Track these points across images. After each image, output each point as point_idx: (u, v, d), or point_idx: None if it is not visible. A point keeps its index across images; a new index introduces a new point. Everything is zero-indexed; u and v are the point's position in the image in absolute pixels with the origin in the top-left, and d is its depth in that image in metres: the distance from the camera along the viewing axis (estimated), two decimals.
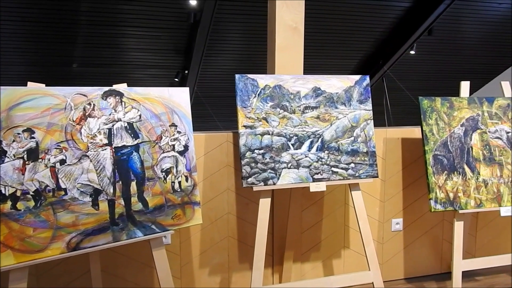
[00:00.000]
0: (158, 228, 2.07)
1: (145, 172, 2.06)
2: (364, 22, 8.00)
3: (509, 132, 2.68)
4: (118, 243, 1.97)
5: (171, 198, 2.12)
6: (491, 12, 7.90)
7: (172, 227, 2.12)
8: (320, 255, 2.85)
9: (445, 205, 2.51)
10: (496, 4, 7.61)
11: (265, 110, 2.33)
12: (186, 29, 7.70)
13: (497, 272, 3.08)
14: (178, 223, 2.13)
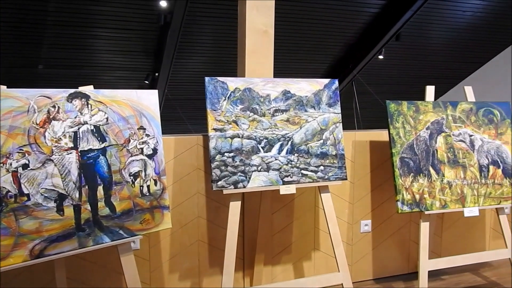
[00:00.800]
0: (126, 233, 2.03)
1: (113, 176, 2.02)
2: (334, 27, 8.12)
3: (472, 135, 2.77)
4: (85, 249, 1.92)
5: (139, 203, 2.09)
6: (456, 19, 8.16)
7: (141, 232, 2.08)
8: (290, 257, 2.86)
9: (411, 207, 2.57)
10: (460, 12, 7.87)
11: (235, 113, 2.33)
12: (156, 31, 7.62)
13: (462, 271, 3.17)
14: (146, 228, 2.10)
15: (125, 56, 8.32)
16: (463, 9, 7.81)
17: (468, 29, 8.50)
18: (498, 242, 3.38)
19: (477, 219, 3.31)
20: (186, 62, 8.68)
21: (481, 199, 2.71)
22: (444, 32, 8.55)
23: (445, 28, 8.41)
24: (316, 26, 7.97)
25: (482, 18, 8.14)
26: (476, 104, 2.84)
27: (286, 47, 8.39)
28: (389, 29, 8.00)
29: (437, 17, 8.02)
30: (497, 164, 2.78)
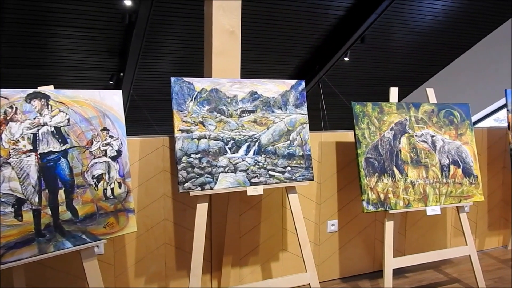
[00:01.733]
0: (89, 237, 1.97)
1: (75, 179, 1.96)
2: (301, 29, 8.19)
3: (433, 136, 2.84)
4: (45, 255, 1.85)
5: (103, 206, 2.03)
6: (418, 23, 8.39)
7: (105, 236, 2.03)
8: (258, 258, 2.86)
9: (376, 206, 2.61)
10: (422, 15, 8.10)
11: (201, 114, 2.30)
12: (121, 30, 7.47)
13: (425, 268, 3.26)
14: (111, 232, 2.04)
15: (88, 56, 8.11)
16: (424, 13, 8.04)
17: (430, 33, 8.76)
18: (458, 239, 3.49)
19: (439, 218, 3.41)
20: (152, 62, 8.55)
21: (443, 198, 2.79)
22: (407, 35, 8.77)
23: (408, 31, 8.64)
24: (283, 27, 8.02)
25: (442, 22, 8.41)
26: (438, 105, 2.92)
27: (253, 48, 8.41)
28: (354, 32, 8.15)
29: (400, 20, 8.23)
30: (458, 164, 2.87)
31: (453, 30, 8.71)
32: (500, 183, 3.67)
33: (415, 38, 8.89)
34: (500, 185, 3.67)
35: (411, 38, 8.88)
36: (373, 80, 10.40)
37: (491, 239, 3.70)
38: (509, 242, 3.69)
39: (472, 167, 2.91)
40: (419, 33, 8.72)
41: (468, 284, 3.00)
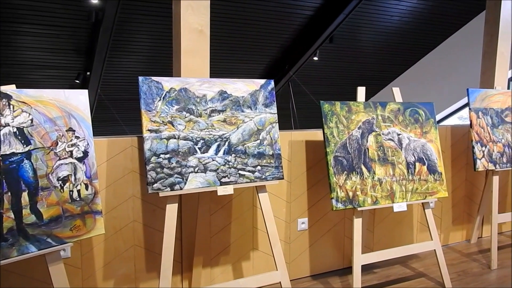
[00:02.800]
0: (55, 241, 1.92)
1: (39, 181, 1.90)
2: (270, 28, 8.23)
3: (399, 134, 2.91)
4: (8, 260, 1.79)
5: (69, 208, 1.98)
6: (384, 24, 8.57)
7: (71, 239, 1.98)
8: (229, 258, 2.85)
9: (345, 204, 2.65)
10: (388, 16, 8.27)
11: (170, 113, 2.28)
12: (87, 28, 7.31)
13: (392, 264, 3.33)
14: (77, 235, 2.00)
15: (53, 54, 7.89)
16: (390, 14, 8.22)
17: (396, 33, 8.96)
18: (424, 234, 3.59)
19: (405, 214, 3.50)
20: (119, 61, 8.40)
21: (409, 194, 2.86)
22: (374, 35, 8.94)
23: (375, 31, 8.81)
24: (253, 27, 8.03)
25: (408, 23, 8.61)
26: (403, 104, 2.99)
27: (223, 47, 8.38)
28: (323, 32, 8.24)
29: (367, 21, 8.38)
30: (423, 161, 2.95)
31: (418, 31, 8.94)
32: (463, 179, 3.79)
33: (382, 38, 9.08)
34: (464, 181, 3.80)
35: (378, 38, 9.06)
36: (342, 79, 10.55)
37: (455, 233, 3.82)
38: (472, 236, 3.82)
39: (436, 164, 2.99)
40: (386, 33, 8.91)
41: (434, 278, 3.09)
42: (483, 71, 3.99)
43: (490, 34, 3.90)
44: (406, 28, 8.78)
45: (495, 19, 3.83)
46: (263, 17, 7.79)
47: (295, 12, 7.87)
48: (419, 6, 8.11)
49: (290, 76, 9.65)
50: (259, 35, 8.38)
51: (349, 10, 7.65)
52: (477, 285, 2.98)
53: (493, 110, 3.42)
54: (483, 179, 3.80)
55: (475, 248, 3.71)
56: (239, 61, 9.19)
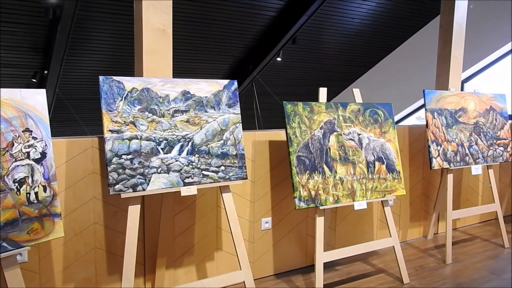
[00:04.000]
0: (11, 245, 1.86)
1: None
2: (234, 28, 8.24)
3: (360, 134, 2.99)
4: None
5: (26, 211, 1.92)
6: (346, 26, 8.75)
7: (28, 243, 1.92)
8: (193, 259, 2.84)
9: (307, 203, 2.70)
10: (349, 18, 8.46)
11: (132, 113, 2.25)
12: (44, 25, 7.07)
13: (353, 261, 3.42)
14: (35, 238, 1.94)
15: (8, 52, 7.59)
16: (352, 16, 8.40)
17: (357, 35, 9.17)
18: (384, 231, 3.70)
19: (366, 212, 3.59)
20: (79, 60, 8.17)
21: (369, 193, 2.94)
22: (336, 37, 9.12)
23: (337, 33, 8.98)
24: (216, 27, 8.01)
25: (368, 25, 8.83)
26: (363, 105, 3.08)
27: (186, 47, 8.32)
28: (286, 32, 8.33)
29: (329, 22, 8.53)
30: (382, 160, 3.04)
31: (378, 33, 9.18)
32: (420, 177, 3.93)
33: (344, 40, 9.27)
34: (421, 179, 3.94)
35: (340, 40, 9.24)
36: (305, 80, 10.69)
37: (413, 230, 3.96)
38: (429, 232, 3.97)
39: (395, 163, 3.09)
40: (347, 35, 9.10)
41: (392, 273, 3.19)
42: (438, 74, 4.15)
43: (444, 39, 4.06)
44: (366, 30, 9.00)
45: (449, 24, 4.00)
46: (226, 17, 7.79)
47: (259, 13, 7.91)
48: (378, 9, 8.33)
49: (254, 76, 9.70)
50: (222, 35, 8.37)
51: (311, 12, 7.76)
52: (433, 279, 3.10)
53: (448, 111, 3.56)
54: (439, 177, 3.96)
55: (431, 244, 3.85)
56: (202, 61, 9.15)
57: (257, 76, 9.69)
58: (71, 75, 8.52)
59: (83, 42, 7.64)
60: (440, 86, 4.12)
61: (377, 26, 8.90)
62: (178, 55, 8.16)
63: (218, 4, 7.37)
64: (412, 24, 8.94)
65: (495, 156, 3.75)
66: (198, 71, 9.30)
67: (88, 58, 8.24)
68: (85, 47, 7.86)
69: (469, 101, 3.70)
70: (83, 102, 9.40)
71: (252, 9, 7.75)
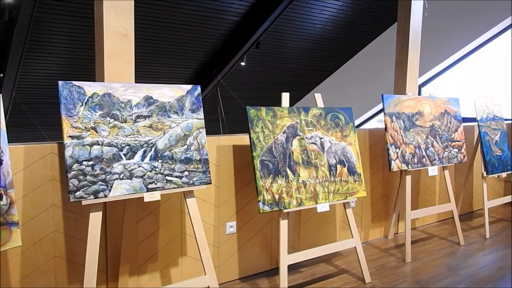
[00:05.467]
0: None
1: None
2: (198, 33, 8.22)
3: (322, 138, 3.05)
4: None
5: None
6: (308, 31, 8.90)
7: None
8: (157, 265, 2.82)
9: (271, 206, 2.73)
10: (311, 24, 8.61)
11: (93, 119, 2.21)
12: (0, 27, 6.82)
13: (317, 262, 3.48)
14: None
15: None
16: (313, 22, 8.56)
17: (319, 40, 9.34)
18: (347, 233, 3.78)
19: (329, 214, 3.67)
20: (37, 63, 7.93)
21: (331, 195, 3.01)
22: (298, 42, 9.25)
23: (299, 38, 9.12)
24: (180, 31, 7.97)
25: (330, 31, 9.02)
26: (325, 109, 3.15)
27: (149, 51, 8.23)
28: (250, 37, 8.38)
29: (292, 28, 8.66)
30: (343, 163, 3.11)
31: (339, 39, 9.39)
32: (380, 179, 4.05)
33: (306, 45, 9.42)
34: (381, 181, 4.06)
35: (303, 45, 9.38)
36: (269, 84, 10.79)
37: (374, 230, 4.07)
38: (390, 232, 4.09)
39: (356, 166, 3.18)
40: (310, 40, 9.26)
41: (355, 273, 3.27)
42: (396, 78, 4.30)
43: (401, 44, 4.21)
44: (328, 36, 9.18)
45: (406, 30, 4.15)
46: (190, 21, 7.76)
47: (222, 17, 7.93)
48: (339, 15, 8.53)
49: (218, 80, 9.69)
50: (186, 39, 8.33)
51: (274, 17, 7.85)
52: (394, 278, 3.20)
53: (405, 115, 3.69)
54: (398, 179, 4.09)
55: (392, 243, 3.97)
56: (166, 65, 9.07)
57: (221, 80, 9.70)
58: (28, 78, 8.24)
59: (41, 44, 7.42)
60: (398, 91, 4.26)
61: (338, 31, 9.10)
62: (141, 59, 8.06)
63: (181, 8, 7.34)
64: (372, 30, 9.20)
65: (450, 157, 3.91)
66: (161, 75, 9.21)
67: (46, 61, 8.00)
68: (44, 50, 7.63)
69: (425, 105, 3.85)
70: (42, 106, 9.11)
71: (216, 14, 7.76)
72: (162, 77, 9.24)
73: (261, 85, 10.77)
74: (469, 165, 4.68)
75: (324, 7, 8.16)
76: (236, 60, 9.13)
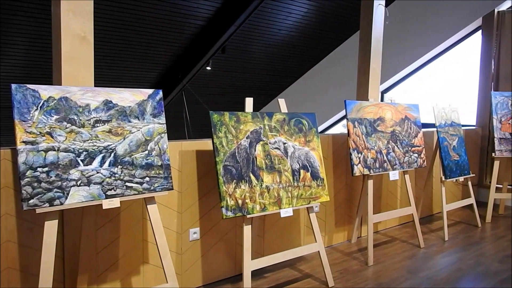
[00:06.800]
0: None
1: None
2: (163, 36, 8.11)
3: (285, 143, 3.07)
4: None
5: None
6: (273, 37, 8.96)
7: None
8: (118, 274, 2.74)
9: (235, 212, 2.71)
10: (276, 30, 8.67)
11: (49, 124, 2.13)
12: None
13: (282, 267, 3.48)
14: None
15: None
16: (278, 28, 8.63)
17: (285, 46, 9.41)
18: (311, 237, 3.81)
19: (293, 218, 3.68)
20: None
21: (294, 200, 3.02)
22: (264, 47, 9.30)
23: (265, 44, 9.16)
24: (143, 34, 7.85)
25: (295, 37, 9.11)
26: (288, 115, 3.16)
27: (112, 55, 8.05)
28: (215, 42, 8.35)
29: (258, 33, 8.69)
30: (307, 168, 3.13)
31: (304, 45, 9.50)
32: (344, 183, 4.11)
33: (272, 51, 9.47)
34: (344, 186, 4.11)
35: (268, 50, 9.43)
36: (235, 89, 10.77)
37: (338, 234, 4.11)
38: (353, 236, 4.14)
39: (319, 171, 3.20)
40: (276, 46, 9.32)
41: (319, 277, 3.29)
42: (358, 85, 4.38)
43: (363, 52, 4.30)
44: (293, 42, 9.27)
45: (368, 38, 4.24)
46: (155, 25, 7.65)
47: (187, 21, 7.87)
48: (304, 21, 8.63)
49: (184, 85, 9.60)
50: (151, 43, 8.21)
51: (239, 22, 7.86)
52: (356, 281, 3.24)
53: (367, 120, 3.76)
54: (361, 183, 4.15)
55: (355, 247, 4.03)
56: (129, 69, 8.90)
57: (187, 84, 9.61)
58: None
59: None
60: (360, 97, 4.34)
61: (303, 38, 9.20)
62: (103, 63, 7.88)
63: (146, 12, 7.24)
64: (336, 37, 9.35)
65: (410, 162, 4.01)
66: (124, 79, 9.03)
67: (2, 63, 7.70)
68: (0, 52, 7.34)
69: (386, 110, 3.94)
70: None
71: (181, 18, 7.69)
72: (127, 81, 9.07)
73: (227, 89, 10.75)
74: (429, 169, 4.82)
75: (290, 13, 8.23)
76: (201, 65, 9.07)
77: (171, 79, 9.60)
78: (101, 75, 8.13)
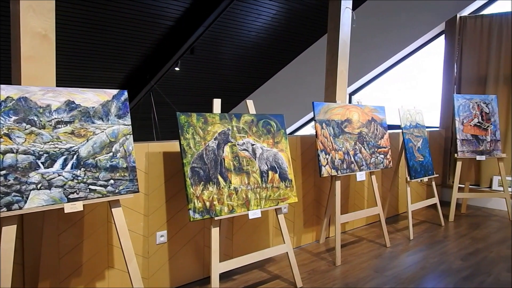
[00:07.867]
0: None
1: None
2: (130, 36, 7.98)
3: (254, 144, 3.06)
4: None
5: None
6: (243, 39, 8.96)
7: None
8: (81, 279, 2.66)
9: (202, 214, 2.68)
10: (246, 31, 8.67)
11: (7, 125, 2.05)
12: None
13: (251, 269, 3.47)
14: None
15: None
16: (248, 30, 8.63)
17: (254, 48, 9.43)
18: (279, 239, 3.81)
19: (262, 220, 3.68)
20: None
21: (263, 201, 3.01)
22: (233, 48, 9.28)
23: (234, 45, 9.15)
24: (110, 34, 7.69)
25: (264, 39, 9.14)
26: (257, 116, 3.16)
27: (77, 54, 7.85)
28: (184, 42, 8.28)
29: (227, 34, 8.67)
30: (275, 170, 3.14)
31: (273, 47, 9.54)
32: (312, 184, 4.13)
33: (241, 52, 9.47)
34: (312, 186, 4.14)
35: (238, 51, 9.43)
36: (204, 90, 10.71)
37: (306, 235, 4.14)
38: (321, 236, 4.18)
39: (287, 172, 3.21)
40: (245, 47, 9.32)
41: (287, 278, 3.29)
42: (326, 87, 4.42)
43: (331, 54, 4.34)
44: (262, 43, 9.30)
45: (335, 40, 4.29)
46: (122, 24, 7.52)
47: (156, 21, 7.76)
48: (273, 23, 8.67)
49: (152, 86, 9.47)
50: (118, 43, 8.05)
51: (209, 22, 7.82)
52: (324, 282, 3.26)
53: (335, 122, 3.80)
54: (329, 184, 4.20)
55: (323, 247, 4.06)
56: (96, 69, 8.71)
57: (155, 85, 9.48)
58: None
59: None
60: (328, 99, 4.39)
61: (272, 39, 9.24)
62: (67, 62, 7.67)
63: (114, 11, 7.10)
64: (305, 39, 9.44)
65: (376, 163, 4.08)
66: (90, 79, 8.82)
67: None
68: None
69: (353, 112, 3.99)
70: None
71: (149, 17, 7.58)
72: (92, 81, 8.86)
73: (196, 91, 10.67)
74: (395, 170, 4.92)
75: (259, 15, 8.25)
76: (170, 65, 8.98)
77: (139, 79, 9.46)
78: (66, 75, 7.92)
